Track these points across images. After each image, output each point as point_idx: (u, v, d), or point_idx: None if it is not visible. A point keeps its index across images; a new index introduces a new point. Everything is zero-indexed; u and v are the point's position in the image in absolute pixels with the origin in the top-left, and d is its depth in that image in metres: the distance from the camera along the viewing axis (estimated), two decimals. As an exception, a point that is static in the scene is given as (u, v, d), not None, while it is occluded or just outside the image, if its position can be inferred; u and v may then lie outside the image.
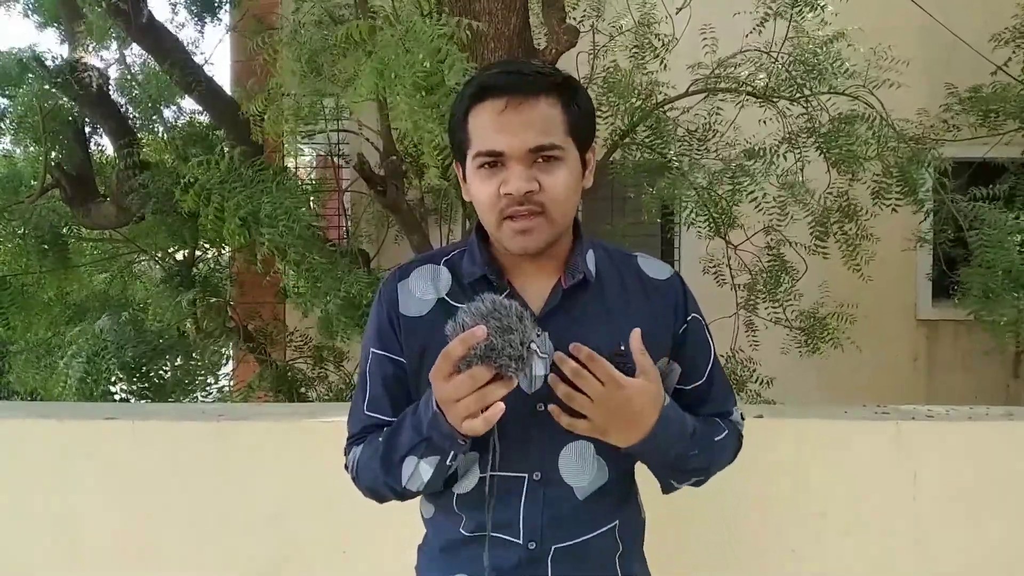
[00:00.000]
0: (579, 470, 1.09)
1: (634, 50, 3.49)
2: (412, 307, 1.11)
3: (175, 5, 4.71)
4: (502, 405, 0.92)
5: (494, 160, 1.03)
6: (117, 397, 3.47)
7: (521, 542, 1.08)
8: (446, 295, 1.11)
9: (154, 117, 4.61)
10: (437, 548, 1.16)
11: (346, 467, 1.17)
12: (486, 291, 0.99)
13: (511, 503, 1.08)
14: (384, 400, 1.12)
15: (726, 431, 1.16)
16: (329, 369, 4.10)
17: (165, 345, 3.65)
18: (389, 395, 1.12)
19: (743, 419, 1.23)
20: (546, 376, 1.02)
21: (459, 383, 0.92)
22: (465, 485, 1.10)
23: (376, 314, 1.14)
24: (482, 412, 0.93)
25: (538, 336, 0.94)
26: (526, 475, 1.08)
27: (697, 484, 1.16)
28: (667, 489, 1.16)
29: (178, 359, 3.79)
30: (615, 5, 3.60)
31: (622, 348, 1.02)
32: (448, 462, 1.02)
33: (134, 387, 3.49)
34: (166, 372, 3.72)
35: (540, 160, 1.03)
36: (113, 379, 3.39)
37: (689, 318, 1.15)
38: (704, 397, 1.18)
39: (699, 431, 1.11)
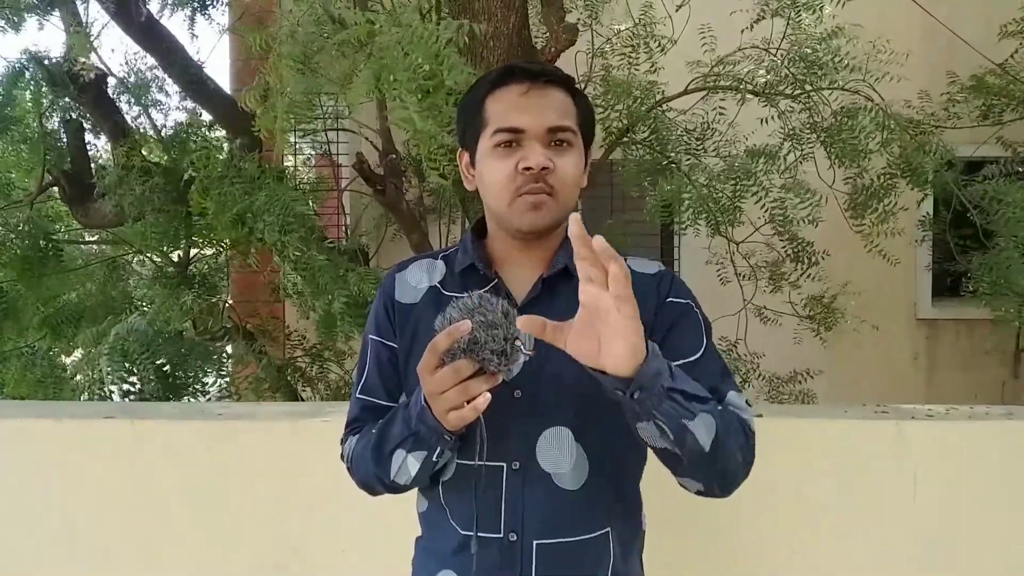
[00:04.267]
0: (557, 457, 1.08)
1: (632, 49, 3.48)
2: (407, 295, 1.17)
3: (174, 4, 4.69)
4: (488, 396, 0.92)
5: (512, 139, 1.08)
6: (121, 393, 3.43)
7: (501, 535, 1.07)
8: (438, 283, 1.17)
9: (151, 116, 4.59)
10: (428, 544, 1.18)
11: (342, 456, 1.19)
12: (475, 280, 1.03)
13: (491, 494, 1.09)
14: (378, 385, 1.17)
15: (712, 400, 1.01)
16: (329, 368, 4.09)
17: (185, 346, 3.66)
18: (383, 380, 1.16)
19: (749, 406, 1.10)
20: (523, 364, 1.02)
21: (443, 376, 0.93)
22: (445, 474, 1.11)
23: (375, 305, 1.20)
24: (467, 404, 0.93)
25: (522, 334, 0.95)
26: (504, 464, 1.08)
27: (686, 458, 0.99)
28: (674, 463, 1.01)
29: (188, 359, 3.76)
30: (615, 4, 3.59)
31: None
32: (435, 458, 1.03)
33: (151, 386, 3.46)
34: (189, 373, 3.70)
35: (555, 143, 1.09)
36: (143, 379, 3.36)
37: (668, 300, 1.13)
38: (694, 375, 1.03)
39: (679, 374, 0.97)
